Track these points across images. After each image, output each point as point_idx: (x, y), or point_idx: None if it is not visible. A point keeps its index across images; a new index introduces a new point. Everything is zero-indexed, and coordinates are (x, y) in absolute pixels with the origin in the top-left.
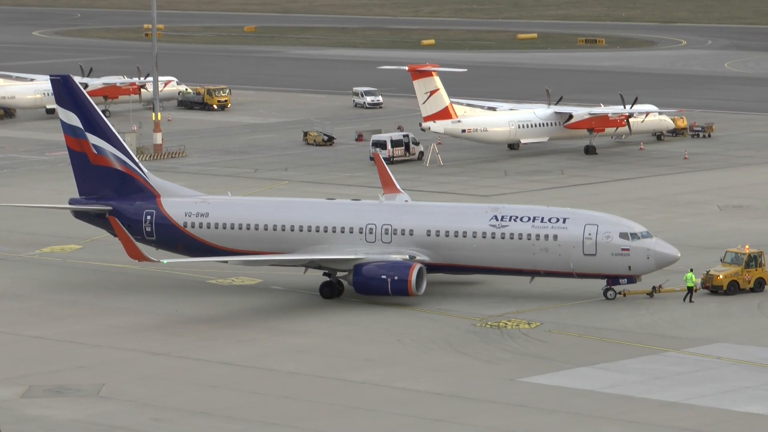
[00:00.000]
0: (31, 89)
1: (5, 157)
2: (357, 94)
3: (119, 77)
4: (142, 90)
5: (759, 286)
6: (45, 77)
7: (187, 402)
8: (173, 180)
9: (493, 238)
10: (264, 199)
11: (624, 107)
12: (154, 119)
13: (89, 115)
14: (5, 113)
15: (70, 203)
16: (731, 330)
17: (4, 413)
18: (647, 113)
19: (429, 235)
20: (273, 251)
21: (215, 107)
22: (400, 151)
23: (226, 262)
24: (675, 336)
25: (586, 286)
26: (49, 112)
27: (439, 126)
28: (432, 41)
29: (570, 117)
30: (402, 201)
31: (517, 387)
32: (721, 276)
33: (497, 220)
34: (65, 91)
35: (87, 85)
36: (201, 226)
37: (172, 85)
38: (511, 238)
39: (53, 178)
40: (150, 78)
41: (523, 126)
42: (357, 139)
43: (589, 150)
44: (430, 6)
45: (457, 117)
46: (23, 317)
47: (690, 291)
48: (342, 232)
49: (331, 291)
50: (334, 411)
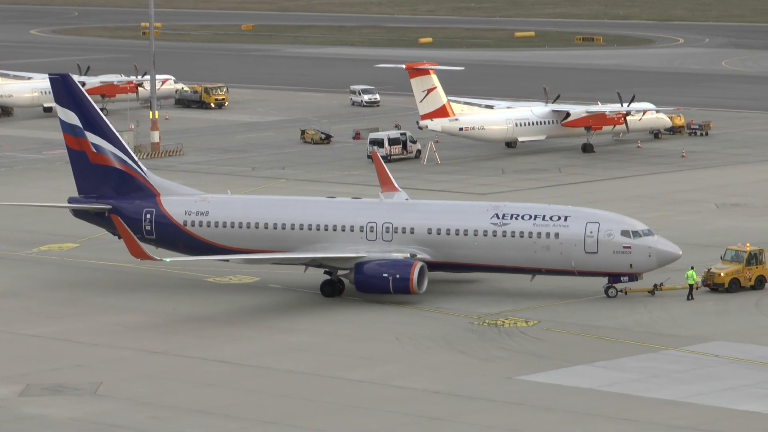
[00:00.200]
0: (29, 88)
1: (3, 156)
2: (354, 92)
3: (116, 76)
4: (139, 88)
5: (760, 283)
6: (42, 76)
7: (185, 400)
8: (170, 178)
9: (495, 236)
10: (264, 198)
11: (621, 105)
12: (151, 117)
13: (88, 114)
14: (3, 112)
15: (69, 202)
16: (729, 328)
17: (1, 412)
18: (645, 111)
19: (430, 234)
20: (273, 250)
21: (212, 105)
22: (397, 150)
23: (227, 260)
24: (673, 334)
25: (583, 284)
26: (47, 110)
27: (437, 124)
28: (429, 39)
29: (567, 115)
30: (402, 199)
31: (515, 385)
32: (723, 274)
33: (498, 218)
34: (64, 90)
35: (84, 84)
36: (201, 224)
37: (169, 84)
38: (513, 236)
39: (51, 176)
40: (147, 76)
41: (521, 124)
42: (354, 138)
43: (587, 148)
44: (427, 4)
45: (455, 115)
46: (21, 316)
47: (691, 289)
48: (343, 230)
49: (332, 289)
50: (331, 409)
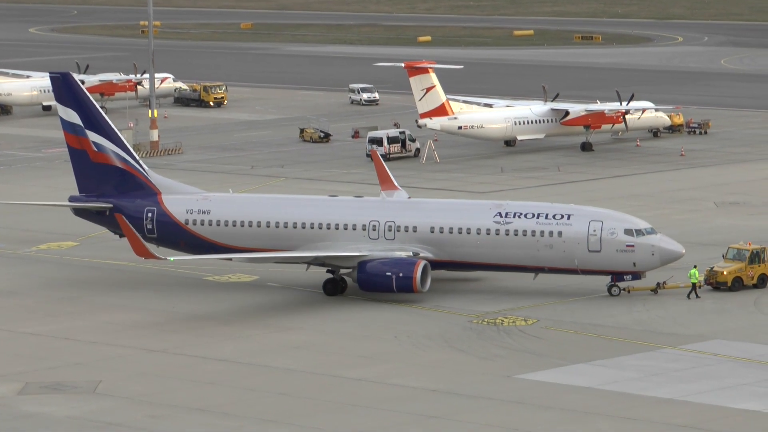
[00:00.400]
0: (28, 86)
1: (2, 155)
2: (353, 91)
3: (116, 74)
4: (138, 87)
5: (762, 282)
6: (41, 74)
7: (184, 399)
8: (170, 177)
9: (497, 234)
10: (266, 196)
11: (620, 104)
12: (150, 116)
13: (89, 113)
14: (1, 110)
15: (70, 201)
16: (728, 326)
17: (0, 410)
18: (643, 110)
19: (432, 232)
20: (275, 248)
21: (211, 104)
22: (396, 148)
23: (230, 259)
24: (672, 333)
25: (582, 282)
26: (46, 109)
27: (436, 123)
28: (428, 38)
29: (566, 114)
30: (404, 198)
31: (514, 384)
32: (726, 272)
33: (501, 216)
34: (65, 89)
35: (84, 82)
36: (203, 223)
37: (168, 82)
38: (515, 234)
39: (50, 175)
40: (146, 75)
41: (520, 123)
42: (353, 136)
43: (586, 147)
44: (426, 3)
45: (454, 114)
46: (20, 314)
47: (694, 287)
48: (345, 229)
49: (334, 288)
50: (329, 408)
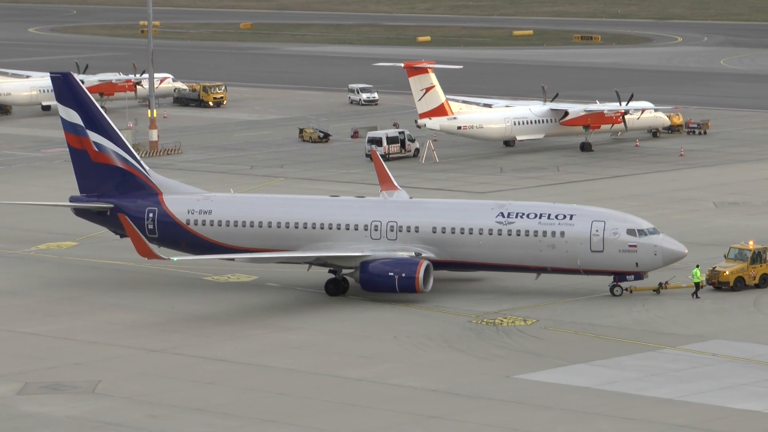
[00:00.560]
0: (27, 86)
1: (1, 154)
2: (353, 91)
3: (115, 74)
4: (137, 87)
5: (764, 281)
6: (40, 74)
7: (183, 399)
8: (169, 177)
9: (500, 234)
10: (267, 197)
11: (620, 104)
12: (149, 116)
13: (90, 113)
14: (1, 110)
15: (70, 201)
16: (728, 327)
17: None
18: (643, 110)
19: (435, 232)
20: (277, 248)
21: (211, 104)
22: (395, 148)
23: (233, 259)
24: (671, 333)
25: (581, 282)
26: (45, 108)
27: (435, 123)
28: (428, 38)
29: (566, 114)
30: (405, 198)
31: (513, 384)
32: (728, 272)
33: (503, 216)
34: (66, 89)
35: (83, 82)
36: (204, 223)
37: (167, 82)
38: (518, 234)
39: (49, 174)
40: (146, 75)
41: (519, 123)
42: (353, 136)
43: (585, 147)
44: (425, 3)
45: (453, 114)
46: (19, 314)
47: (697, 287)
48: (347, 229)
49: (336, 288)
50: (329, 408)
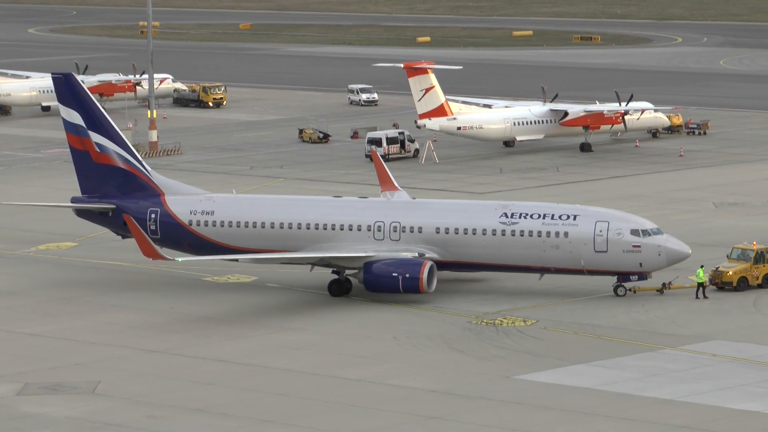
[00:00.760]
0: (27, 87)
1: (1, 155)
2: (352, 91)
3: (115, 75)
4: (137, 87)
5: (767, 282)
6: (40, 74)
7: (183, 399)
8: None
9: (503, 235)
10: (270, 197)
11: (619, 104)
12: (149, 116)
13: (92, 113)
14: (1, 111)
15: (72, 201)
16: (727, 327)
17: None
18: (643, 110)
19: (438, 233)
20: (280, 249)
21: (210, 104)
22: (395, 149)
23: (237, 260)
24: (671, 333)
25: (581, 283)
26: (45, 109)
27: (435, 123)
28: (427, 38)
29: (565, 114)
30: (406, 198)
31: (513, 384)
32: (731, 272)
33: (507, 217)
34: (67, 89)
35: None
36: (206, 224)
37: (167, 83)
38: (521, 235)
39: (49, 175)
40: (145, 75)
41: (519, 123)
42: (352, 137)
43: (585, 147)
44: (425, 3)
45: (453, 114)
46: (19, 314)
47: (702, 287)
48: (350, 229)
49: (340, 289)
50: (328, 408)
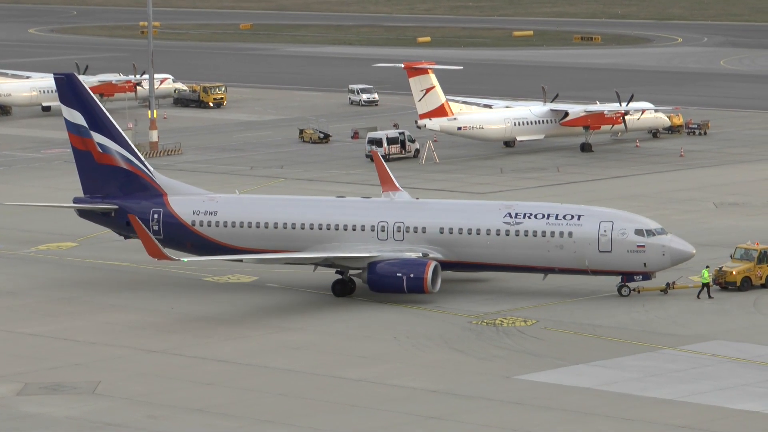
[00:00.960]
0: (27, 87)
1: (1, 155)
2: (353, 91)
3: (115, 75)
4: (137, 87)
5: None
6: (40, 75)
7: (183, 399)
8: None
9: (507, 235)
10: (273, 198)
11: (620, 105)
12: (149, 117)
13: (94, 114)
14: (1, 111)
15: (74, 202)
16: (727, 327)
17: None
18: (643, 111)
19: (442, 233)
20: (283, 249)
21: (211, 105)
22: (395, 149)
23: (241, 260)
24: (671, 333)
25: (581, 283)
26: (45, 109)
27: (435, 123)
28: (428, 38)
29: (566, 114)
30: (407, 198)
31: (513, 384)
32: (735, 272)
33: (511, 217)
34: (69, 90)
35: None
36: (210, 224)
37: (167, 83)
38: (526, 235)
39: (49, 175)
40: (146, 75)
41: (519, 123)
42: (353, 137)
43: (585, 147)
44: (425, 3)
45: (453, 114)
46: (19, 314)
47: (707, 288)
48: (354, 230)
49: (344, 289)
50: (329, 408)
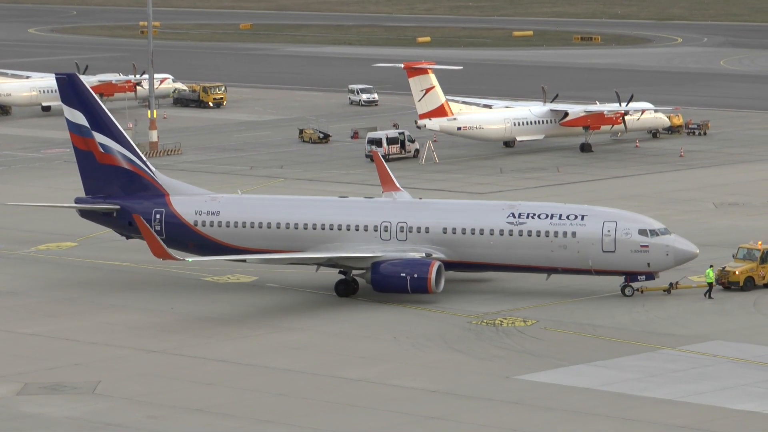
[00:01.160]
0: (27, 87)
1: (1, 155)
2: (353, 91)
3: (115, 75)
4: (137, 87)
5: None
6: (40, 75)
7: (183, 399)
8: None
9: (511, 235)
10: (276, 198)
11: (620, 105)
12: (149, 117)
13: (95, 114)
14: (1, 111)
15: (76, 202)
16: (727, 327)
17: None
18: (643, 111)
19: (445, 233)
20: (285, 249)
21: (211, 105)
22: (395, 149)
23: (245, 261)
24: (671, 333)
25: (581, 283)
26: (45, 109)
27: (435, 123)
28: (427, 38)
29: (566, 114)
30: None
31: (513, 384)
32: (738, 272)
33: (514, 217)
34: (71, 90)
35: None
36: (212, 224)
37: (167, 83)
38: (529, 235)
39: (49, 175)
40: (145, 75)
41: (519, 123)
42: (353, 137)
43: (585, 147)
44: (425, 3)
45: (453, 114)
46: (19, 314)
47: (710, 287)
48: (356, 230)
49: (347, 289)
50: (329, 408)
